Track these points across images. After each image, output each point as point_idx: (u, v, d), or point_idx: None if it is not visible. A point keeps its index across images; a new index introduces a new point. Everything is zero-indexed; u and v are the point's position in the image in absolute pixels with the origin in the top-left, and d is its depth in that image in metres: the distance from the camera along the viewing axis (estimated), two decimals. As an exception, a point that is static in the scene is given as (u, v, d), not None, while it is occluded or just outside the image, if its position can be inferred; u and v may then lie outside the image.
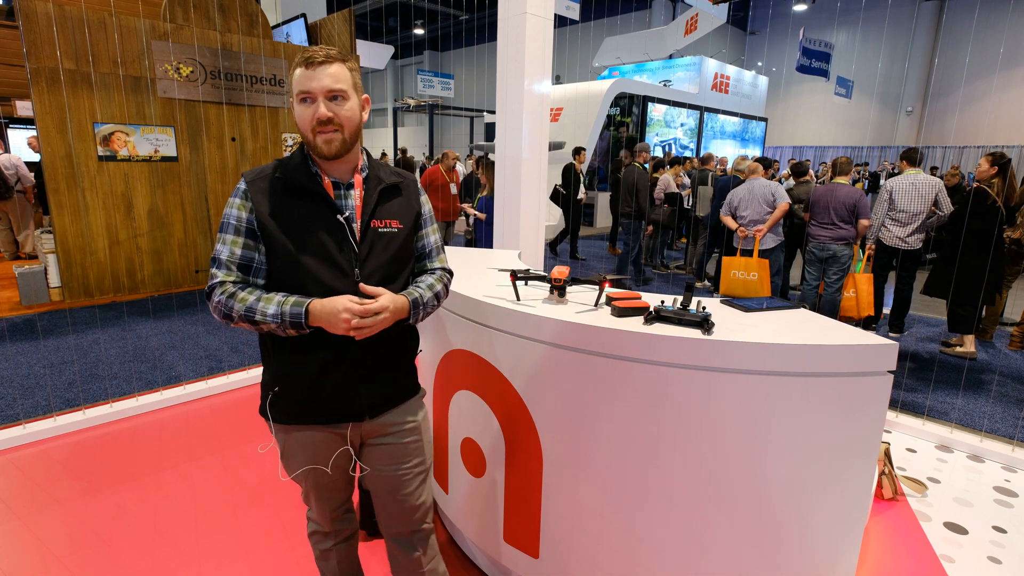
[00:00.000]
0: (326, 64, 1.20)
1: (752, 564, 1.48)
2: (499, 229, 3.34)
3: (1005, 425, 3.25)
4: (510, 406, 1.69)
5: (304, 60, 1.20)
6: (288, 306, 1.18)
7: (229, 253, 1.23)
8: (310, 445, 1.34)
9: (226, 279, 1.23)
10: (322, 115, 1.20)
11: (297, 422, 1.33)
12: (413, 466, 1.42)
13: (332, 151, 1.23)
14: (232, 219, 1.24)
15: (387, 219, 1.33)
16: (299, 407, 1.31)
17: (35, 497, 2.42)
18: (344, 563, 1.56)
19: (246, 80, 6.21)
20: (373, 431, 1.37)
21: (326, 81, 1.20)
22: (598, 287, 1.67)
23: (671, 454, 1.45)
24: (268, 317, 1.18)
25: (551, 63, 3.13)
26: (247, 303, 1.20)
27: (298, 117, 1.24)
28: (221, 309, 1.21)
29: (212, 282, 1.23)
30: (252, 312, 1.19)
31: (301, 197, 1.25)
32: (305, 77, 1.20)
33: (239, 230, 1.24)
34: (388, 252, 1.32)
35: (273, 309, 1.18)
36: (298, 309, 1.18)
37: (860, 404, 1.38)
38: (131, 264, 5.71)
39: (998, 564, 2.10)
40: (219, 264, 1.23)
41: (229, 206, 1.25)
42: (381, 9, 21.47)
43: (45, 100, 5.04)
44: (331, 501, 1.45)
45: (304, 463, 1.35)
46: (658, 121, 12.42)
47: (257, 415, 1.47)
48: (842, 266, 4.63)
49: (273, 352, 1.31)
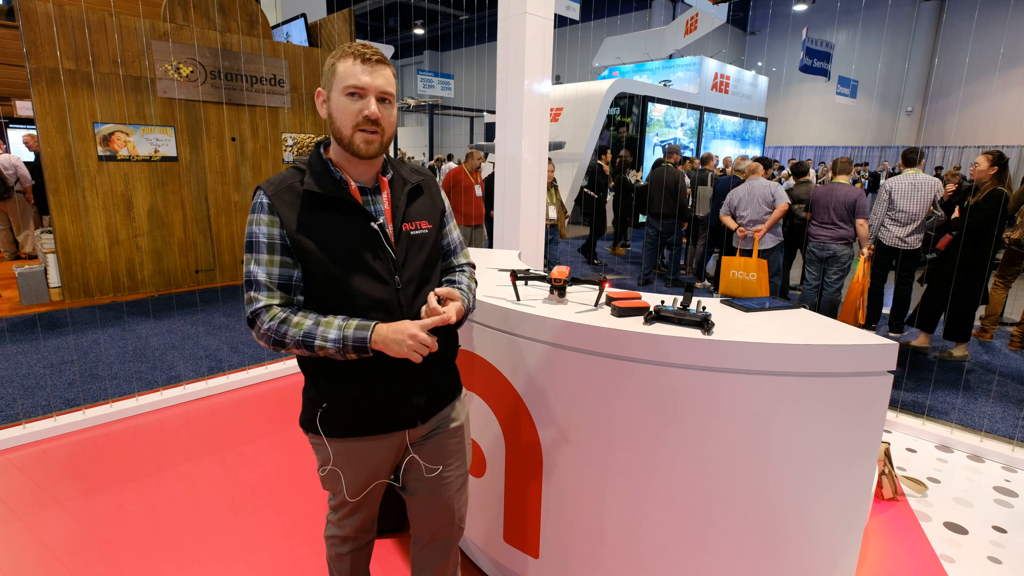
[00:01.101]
0: (382, 65, 1.16)
1: (752, 563, 1.48)
2: (499, 229, 3.34)
3: (1005, 425, 3.25)
4: (510, 406, 1.70)
5: (358, 55, 1.15)
6: (351, 330, 1.12)
7: (267, 274, 1.15)
8: (367, 455, 1.31)
9: (271, 302, 1.15)
10: (373, 113, 1.15)
11: (351, 435, 1.29)
12: (454, 468, 1.42)
13: (371, 152, 1.18)
14: (262, 237, 1.16)
15: (417, 221, 1.30)
16: (352, 419, 1.28)
17: (35, 497, 2.42)
18: (357, 567, 1.56)
19: (246, 80, 6.21)
20: (420, 432, 1.37)
21: (380, 81, 1.16)
22: (598, 287, 1.67)
23: (671, 454, 1.46)
24: (329, 343, 1.12)
25: (551, 63, 3.13)
26: (304, 328, 1.13)
27: (340, 111, 1.16)
28: (272, 336, 1.14)
29: (255, 307, 1.15)
30: (311, 338, 1.12)
31: (330, 207, 1.19)
32: (360, 71, 1.14)
33: (272, 247, 1.16)
34: (423, 255, 1.29)
35: (334, 334, 1.12)
36: (362, 334, 1.12)
37: (860, 404, 1.38)
38: (131, 264, 5.71)
39: (998, 564, 2.10)
40: (258, 287, 1.15)
41: (255, 223, 1.16)
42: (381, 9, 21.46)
43: (45, 100, 5.04)
44: (367, 511, 1.43)
45: (364, 475, 1.33)
46: (658, 121, 12.42)
47: (257, 415, 1.46)
48: (842, 266, 4.63)
49: (319, 370, 1.26)
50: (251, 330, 1.17)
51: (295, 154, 6.76)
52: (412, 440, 1.36)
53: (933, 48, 17.02)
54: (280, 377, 3.79)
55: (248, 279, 1.16)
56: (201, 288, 6.09)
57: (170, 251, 5.98)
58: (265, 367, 3.85)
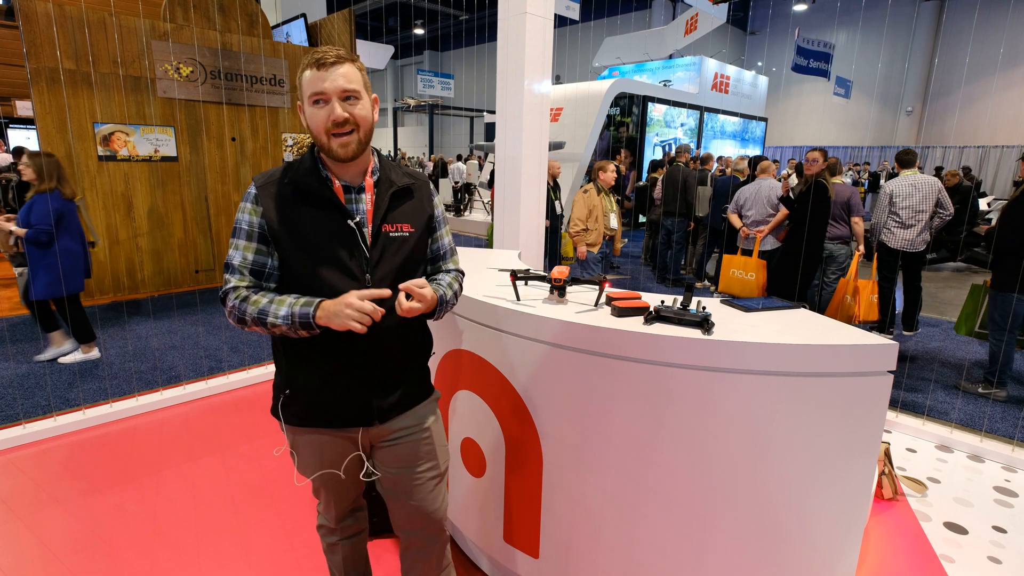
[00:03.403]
0: (337, 64, 1.18)
1: (752, 564, 1.48)
2: (499, 229, 3.34)
3: (1005, 425, 3.25)
4: (510, 406, 1.69)
5: (315, 61, 1.17)
6: (298, 307, 1.18)
7: (241, 258, 1.23)
8: (319, 447, 1.35)
9: (239, 284, 1.23)
10: (338, 116, 1.18)
11: (307, 424, 1.33)
12: (425, 470, 1.41)
13: (348, 154, 1.21)
14: (244, 224, 1.24)
15: (398, 223, 1.31)
16: (309, 410, 1.32)
17: (35, 497, 2.42)
18: (349, 558, 1.57)
19: (246, 80, 6.21)
20: (382, 434, 1.36)
21: (340, 82, 1.17)
22: (598, 287, 1.67)
23: (671, 454, 1.45)
24: (279, 319, 1.18)
25: (551, 63, 3.13)
26: (259, 306, 1.20)
27: (311, 120, 1.21)
28: (235, 314, 1.21)
29: (226, 287, 1.23)
30: (264, 315, 1.19)
31: (311, 202, 1.24)
32: (317, 78, 1.17)
33: (251, 235, 1.23)
34: (399, 257, 1.30)
35: (284, 311, 1.18)
36: (307, 309, 1.17)
37: (860, 404, 1.38)
38: (131, 264, 5.71)
39: (998, 564, 2.10)
40: (232, 269, 1.23)
41: (240, 211, 1.25)
42: (381, 9, 21.46)
43: (45, 100, 5.04)
44: (340, 502, 1.46)
45: (315, 465, 1.36)
46: (658, 121, 12.41)
47: (257, 415, 1.48)
48: (840, 265, 4.62)
49: (284, 355, 1.32)
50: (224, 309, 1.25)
51: (295, 154, 6.76)
52: (374, 441, 1.37)
53: (933, 48, 17.01)
54: (280, 377, 3.78)
55: (227, 262, 1.25)
56: (201, 288, 6.09)
57: (170, 251, 5.98)
58: (265, 367, 3.85)
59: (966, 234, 7.70)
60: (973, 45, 15.89)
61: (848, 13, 18.23)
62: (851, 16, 18.21)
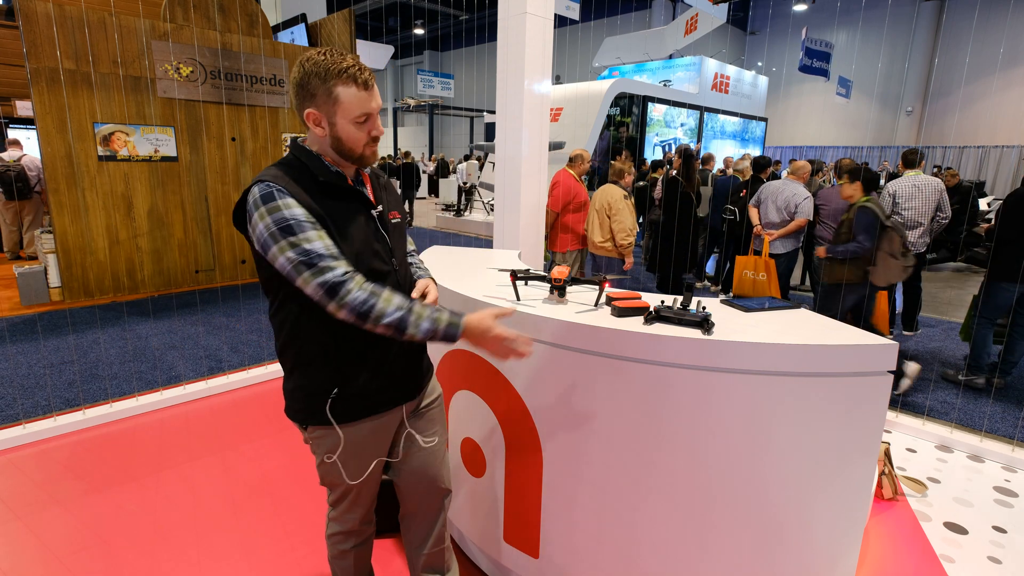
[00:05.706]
0: (373, 81, 1.23)
1: (752, 564, 1.48)
2: (499, 229, 3.34)
3: (1005, 425, 3.25)
4: (510, 406, 1.69)
5: (359, 81, 1.17)
6: (443, 325, 1.20)
7: (325, 246, 1.14)
8: (373, 434, 1.38)
9: (350, 268, 1.15)
10: (382, 130, 1.27)
11: (364, 416, 1.34)
12: (440, 435, 1.53)
13: (376, 159, 1.29)
14: (301, 216, 1.14)
15: (392, 211, 1.40)
16: (366, 400, 1.33)
17: (35, 497, 2.42)
18: (359, 563, 1.58)
19: (246, 80, 6.21)
20: (413, 405, 1.47)
21: (379, 100, 1.25)
22: (598, 287, 1.67)
23: (671, 454, 1.46)
24: (421, 332, 1.18)
25: (551, 63, 3.13)
26: (397, 308, 1.16)
27: (351, 134, 1.21)
28: (358, 308, 1.13)
29: (335, 276, 1.11)
30: (404, 324, 1.16)
31: (333, 195, 1.25)
32: (365, 99, 1.19)
33: (315, 224, 1.15)
34: (403, 240, 1.43)
35: (427, 325, 1.18)
36: (454, 331, 1.21)
37: (860, 404, 1.38)
38: (131, 264, 5.71)
39: (998, 564, 2.10)
40: (324, 259, 1.12)
41: (284, 208, 1.13)
42: (381, 9, 21.46)
43: (45, 100, 5.04)
44: (368, 499, 1.48)
45: (369, 455, 1.38)
46: (658, 121, 12.41)
47: (257, 415, 1.48)
48: None
49: (336, 354, 1.27)
50: (328, 303, 1.13)
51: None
52: (407, 413, 1.45)
53: (933, 48, 17.02)
54: (280, 377, 3.78)
55: (307, 257, 1.11)
56: (201, 288, 6.09)
57: (170, 251, 5.98)
58: (265, 367, 3.84)
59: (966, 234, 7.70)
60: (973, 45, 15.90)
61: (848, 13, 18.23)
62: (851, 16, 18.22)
